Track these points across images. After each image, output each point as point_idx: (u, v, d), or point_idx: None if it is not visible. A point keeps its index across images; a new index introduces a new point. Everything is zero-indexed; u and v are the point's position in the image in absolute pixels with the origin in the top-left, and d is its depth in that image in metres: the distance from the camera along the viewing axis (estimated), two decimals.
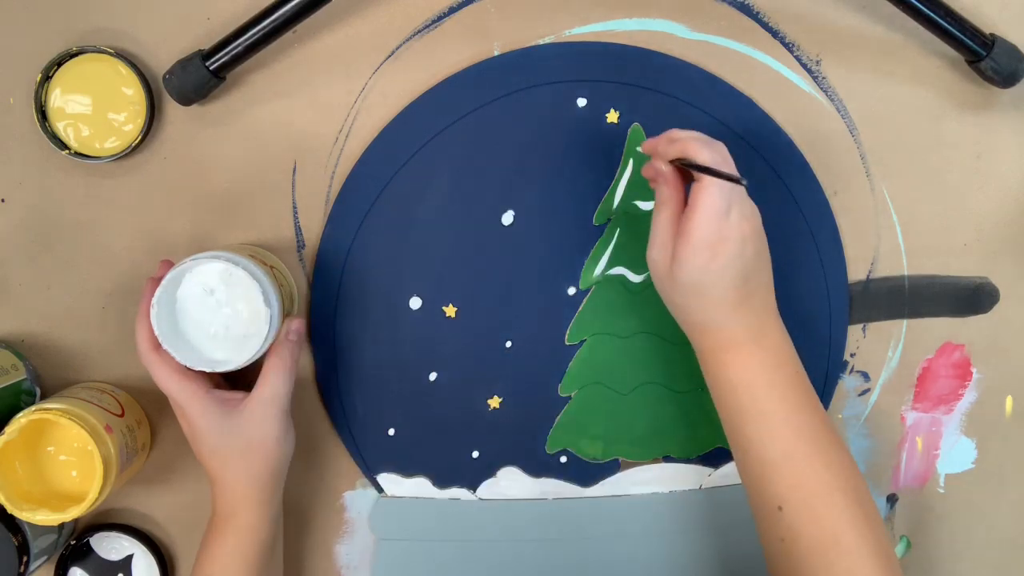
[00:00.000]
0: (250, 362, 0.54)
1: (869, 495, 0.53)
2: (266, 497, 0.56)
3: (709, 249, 0.51)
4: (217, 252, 0.53)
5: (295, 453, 0.58)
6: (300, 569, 0.64)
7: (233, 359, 0.53)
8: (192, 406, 0.54)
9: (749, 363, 0.53)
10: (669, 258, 0.53)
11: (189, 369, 0.53)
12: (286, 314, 0.57)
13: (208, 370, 0.53)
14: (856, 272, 0.64)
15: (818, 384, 0.64)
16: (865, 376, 0.65)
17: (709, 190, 0.50)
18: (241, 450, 0.55)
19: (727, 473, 0.65)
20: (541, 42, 0.61)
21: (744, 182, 0.49)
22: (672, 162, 0.53)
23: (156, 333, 0.52)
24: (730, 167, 0.52)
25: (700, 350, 0.55)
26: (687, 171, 0.53)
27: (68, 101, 0.58)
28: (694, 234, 0.51)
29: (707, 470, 0.65)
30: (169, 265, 0.55)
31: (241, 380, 0.59)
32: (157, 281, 0.53)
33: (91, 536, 0.62)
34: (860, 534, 0.50)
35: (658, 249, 0.54)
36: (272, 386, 0.55)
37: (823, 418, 0.54)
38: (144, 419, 0.61)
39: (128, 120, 0.59)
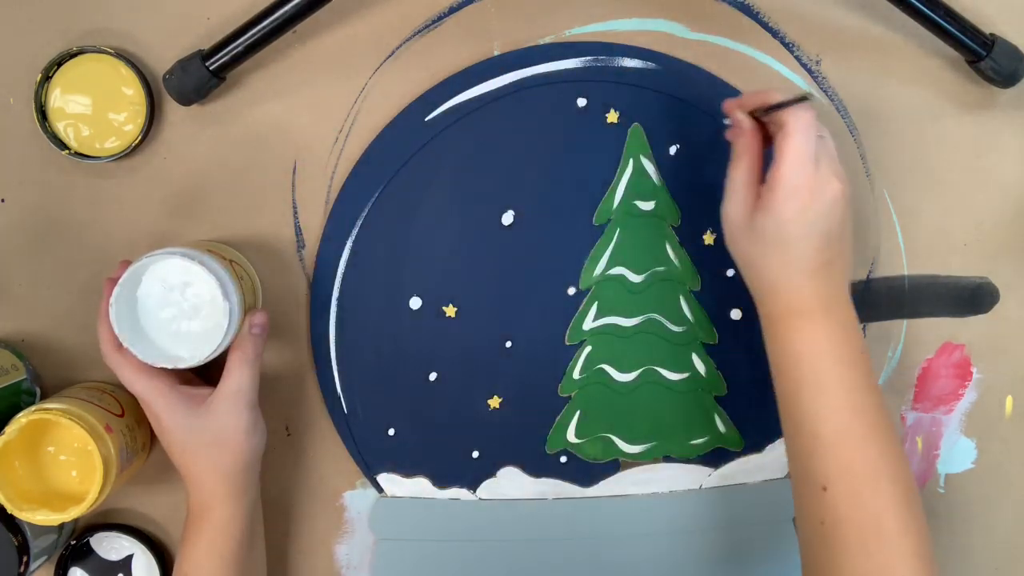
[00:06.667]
0: (212, 357, 0.54)
1: (916, 489, 0.51)
2: (238, 491, 0.55)
3: (798, 199, 0.50)
4: (174, 248, 0.53)
5: (295, 453, 0.58)
6: (300, 569, 0.64)
7: (195, 355, 0.53)
8: (158, 403, 0.54)
9: (817, 334, 0.51)
10: (748, 209, 0.52)
11: (153, 367, 0.53)
12: (249, 308, 0.57)
13: (170, 367, 0.53)
14: (856, 272, 0.64)
15: None
16: None
17: (795, 137, 0.50)
18: (208, 444, 0.54)
19: (727, 473, 0.65)
20: (541, 42, 0.61)
21: (810, 95, 0.50)
22: (751, 113, 0.53)
23: (116, 333, 0.52)
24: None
25: (767, 315, 0.53)
26: (766, 134, 0.53)
27: (68, 101, 0.58)
28: (785, 181, 0.50)
29: (707, 470, 0.65)
30: (127, 265, 0.54)
31: (214, 375, 0.59)
32: (115, 281, 0.53)
33: (91, 536, 0.62)
34: (904, 526, 0.49)
35: (735, 202, 0.53)
36: (236, 380, 0.54)
37: (882, 403, 0.52)
38: (144, 419, 0.61)
39: (128, 120, 0.59)
